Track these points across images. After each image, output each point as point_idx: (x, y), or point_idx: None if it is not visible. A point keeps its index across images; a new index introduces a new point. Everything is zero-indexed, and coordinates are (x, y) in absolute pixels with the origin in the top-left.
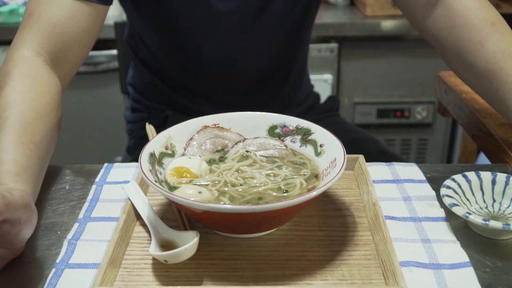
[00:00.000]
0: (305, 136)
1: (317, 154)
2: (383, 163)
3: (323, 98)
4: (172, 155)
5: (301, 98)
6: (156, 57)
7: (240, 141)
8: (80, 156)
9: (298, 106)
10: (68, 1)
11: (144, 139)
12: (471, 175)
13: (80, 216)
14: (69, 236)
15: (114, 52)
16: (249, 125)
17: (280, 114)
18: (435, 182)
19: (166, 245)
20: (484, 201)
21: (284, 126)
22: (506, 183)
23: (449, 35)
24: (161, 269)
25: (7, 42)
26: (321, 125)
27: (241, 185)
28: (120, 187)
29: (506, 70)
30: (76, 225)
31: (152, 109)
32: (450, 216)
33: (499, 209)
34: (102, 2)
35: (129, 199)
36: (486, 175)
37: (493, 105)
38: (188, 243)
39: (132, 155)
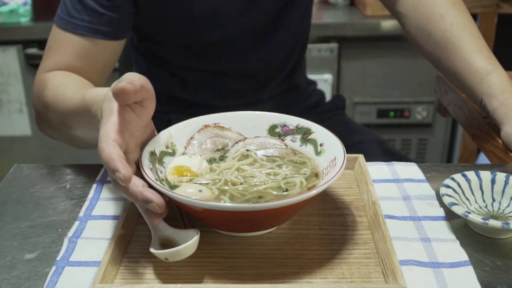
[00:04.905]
0: (305, 135)
1: (317, 153)
2: (383, 163)
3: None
4: (173, 154)
5: (302, 87)
6: (169, 50)
7: (240, 140)
8: (81, 156)
9: (303, 101)
10: (81, 39)
11: None
12: (470, 174)
13: (81, 214)
14: (70, 234)
15: None
16: (250, 125)
17: (284, 106)
18: (435, 182)
19: (166, 243)
20: (484, 200)
21: (284, 125)
22: (506, 183)
23: (415, 12)
24: (161, 267)
25: (7, 42)
26: (326, 124)
27: (241, 184)
28: None
29: (461, 38)
30: (76, 223)
31: (157, 113)
32: (449, 215)
33: (499, 208)
34: (113, 39)
35: None
36: (486, 175)
37: (444, 72)
38: (189, 241)
39: None
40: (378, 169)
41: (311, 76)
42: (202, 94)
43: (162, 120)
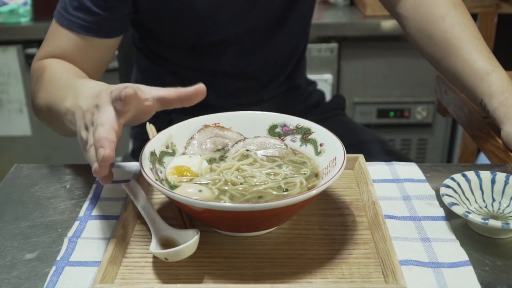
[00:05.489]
0: (305, 135)
1: (317, 153)
2: (383, 163)
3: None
4: (173, 154)
5: (302, 87)
6: (170, 49)
7: (240, 140)
8: (81, 156)
9: (303, 101)
10: (75, 36)
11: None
12: (470, 174)
13: (81, 214)
14: (70, 234)
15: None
16: (249, 125)
17: (284, 105)
18: (435, 182)
19: (166, 243)
20: (484, 200)
21: (284, 125)
22: (506, 183)
23: (415, 14)
24: (161, 267)
25: (7, 42)
26: (326, 124)
27: (241, 184)
28: (121, 185)
29: (461, 39)
30: (76, 223)
31: (158, 112)
32: (449, 215)
33: (499, 208)
34: (108, 36)
35: (129, 197)
36: (486, 175)
37: (444, 73)
38: (189, 241)
39: (136, 156)
40: (378, 169)
41: (311, 76)
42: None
43: (164, 120)
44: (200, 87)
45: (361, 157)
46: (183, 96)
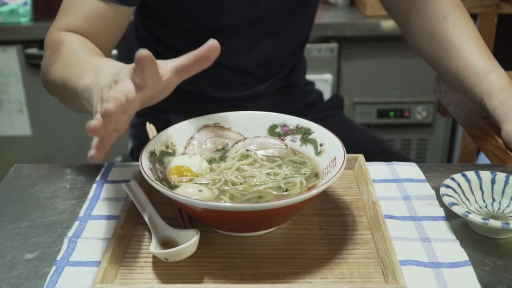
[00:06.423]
0: (305, 135)
1: (317, 153)
2: (383, 163)
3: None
4: (173, 154)
5: (300, 85)
6: (172, 33)
7: (240, 140)
8: (81, 156)
9: (301, 99)
10: (95, 2)
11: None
12: (470, 174)
13: (81, 214)
14: (70, 234)
15: (114, 52)
16: (250, 125)
17: (282, 103)
18: (435, 182)
19: (166, 243)
20: (484, 200)
21: (284, 125)
22: (506, 183)
23: (417, 12)
24: (161, 267)
25: (7, 42)
26: (324, 124)
27: (241, 184)
28: (121, 185)
29: (462, 38)
30: (76, 223)
31: (156, 112)
32: (449, 215)
33: (499, 208)
34: (125, 4)
35: (129, 197)
36: (486, 175)
37: (444, 73)
38: (189, 241)
39: (135, 156)
40: (378, 169)
41: (311, 76)
42: (202, 85)
43: (161, 120)
44: (213, 42)
45: (361, 157)
46: (199, 57)
